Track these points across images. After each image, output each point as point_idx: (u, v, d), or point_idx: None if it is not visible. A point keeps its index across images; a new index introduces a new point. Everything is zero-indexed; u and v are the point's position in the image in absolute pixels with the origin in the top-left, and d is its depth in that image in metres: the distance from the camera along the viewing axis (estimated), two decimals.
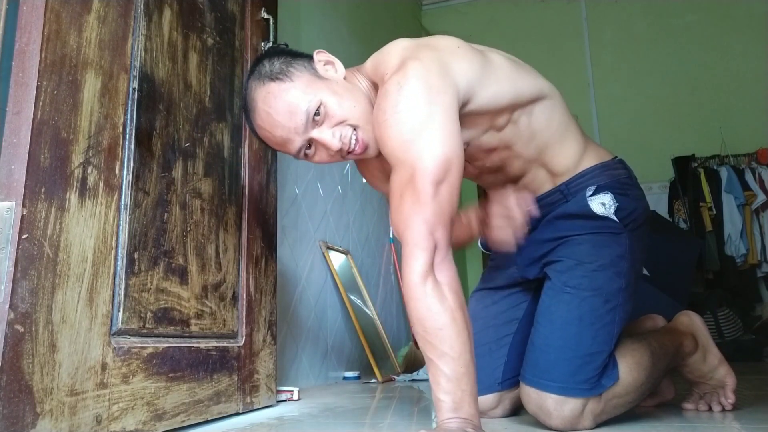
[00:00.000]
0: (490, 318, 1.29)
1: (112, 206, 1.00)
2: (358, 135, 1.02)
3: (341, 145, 1.01)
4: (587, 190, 1.14)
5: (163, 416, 1.07)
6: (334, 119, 1.01)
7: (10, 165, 0.84)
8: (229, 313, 1.33)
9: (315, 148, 1.04)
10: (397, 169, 0.91)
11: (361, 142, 1.02)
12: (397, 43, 1.04)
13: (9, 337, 0.78)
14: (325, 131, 1.01)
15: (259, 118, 1.02)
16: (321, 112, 1.00)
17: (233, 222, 1.38)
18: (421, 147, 0.89)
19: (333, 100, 1.01)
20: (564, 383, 1.05)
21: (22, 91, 0.86)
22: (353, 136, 1.02)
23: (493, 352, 1.24)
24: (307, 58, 1.06)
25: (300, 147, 1.03)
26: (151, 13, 1.14)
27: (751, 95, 3.99)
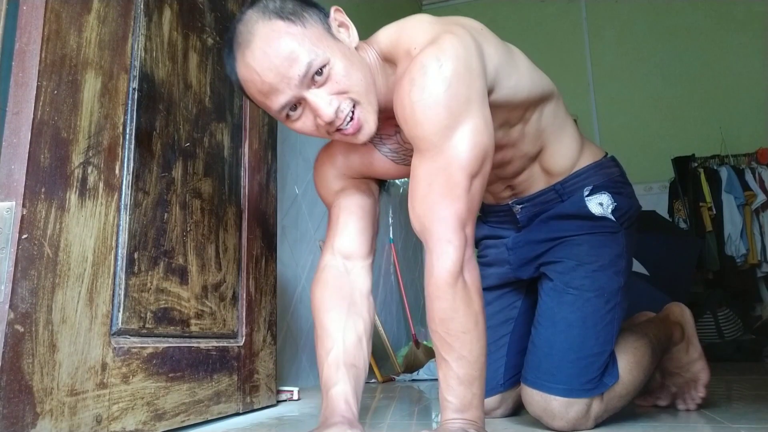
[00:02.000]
0: (487, 319, 1.28)
1: (112, 206, 1.00)
2: (356, 113, 0.88)
3: (334, 118, 0.87)
4: (584, 190, 1.13)
5: (163, 416, 1.07)
6: (336, 86, 0.87)
7: (10, 165, 0.84)
8: (229, 313, 1.33)
9: (302, 111, 0.90)
10: (427, 154, 0.85)
11: (357, 121, 0.88)
12: (420, 17, 0.94)
13: (9, 337, 0.78)
14: (322, 95, 0.87)
15: (251, 56, 0.85)
16: (324, 73, 0.86)
17: (233, 222, 1.38)
18: (462, 135, 0.83)
19: (342, 64, 0.87)
20: (569, 385, 1.03)
21: (22, 91, 0.86)
22: (351, 112, 0.88)
23: (492, 353, 1.23)
24: (321, 11, 0.92)
25: (285, 103, 0.87)
26: (151, 13, 1.14)
27: (751, 95, 3.98)
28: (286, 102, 0.87)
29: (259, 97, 0.89)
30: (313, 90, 0.87)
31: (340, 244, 1.05)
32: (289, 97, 0.87)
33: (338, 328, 0.99)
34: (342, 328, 0.99)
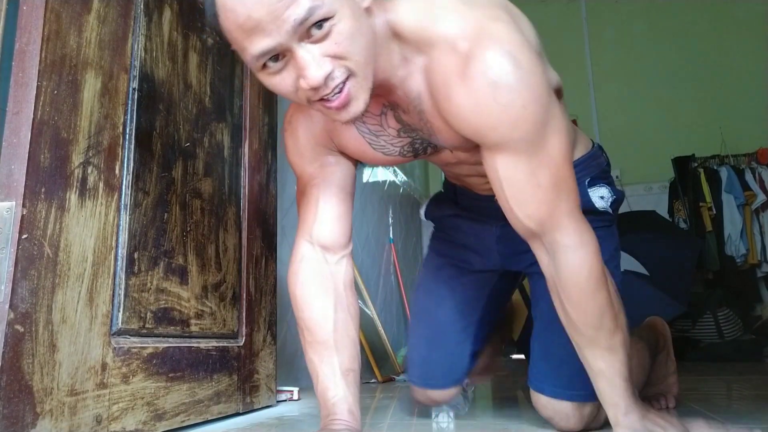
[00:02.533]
0: (459, 302, 1.22)
1: (112, 206, 1.00)
2: (347, 85, 0.73)
3: (321, 84, 0.71)
4: (585, 184, 1.07)
5: (163, 416, 1.07)
6: (334, 48, 0.71)
7: (10, 165, 0.84)
8: (229, 313, 1.33)
9: (283, 66, 0.73)
10: (524, 154, 0.78)
11: (345, 95, 0.73)
12: (454, 2, 0.81)
13: (9, 337, 0.78)
14: (314, 53, 0.70)
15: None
16: (325, 28, 0.69)
17: (233, 222, 1.38)
18: (553, 125, 0.78)
19: (348, 24, 0.71)
20: (587, 390, 0.95)
21: (22, 91, 0.86)
22: (342, 83, 0.73)
23: (462, 342, 1.21)
24: None
25: (268, 50, 0.70)
26: (151, 13, 1.14)
27: (751, 95, 3.98)
28: (270, 48, 0.70)
29: (238, 34, 0.71)
30: (305, 44, 0.70)
31: (319, 233, 0.96)
32: (275, 44, 0.69)
33: (328, 330, 0.94)
34: (332, 329, 0.94)
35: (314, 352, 0.94)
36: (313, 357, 0.94)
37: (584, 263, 0.82)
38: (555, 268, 0.84)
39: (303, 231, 0.97)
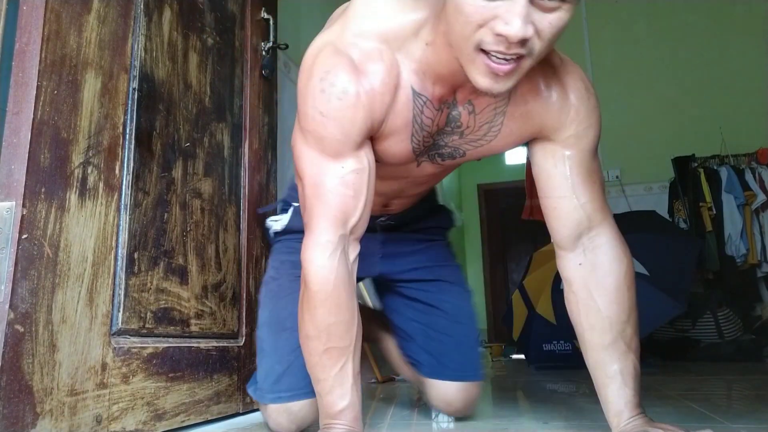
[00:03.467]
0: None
1: (112, 206, 1.00)
2: (522, 61, 0.71)
3: (516, 41, 0.67)
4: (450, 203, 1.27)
5: (163, 416, 1.07)
6: (545, 27, 0.69)
7: (10, 165, 0.84)
8: (229, 313, 1.33)
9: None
10: (591, 151, 0.93)
11: (515, 67, 0.71)
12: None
13: (9, 337, 0.78)
14: (531, 14, 0.67)
15: None
16: (555, 5, 0.68)
17: (233, 222, 1.38)
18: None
19: (566, 19, 0.70)
20: (479, 369, 1.21)
21: (22, 91, 0.86)
22: (522, 56, 0.71)
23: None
24: None
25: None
26: (151, 13, 1.14)
27: (751, 95, 3.98)
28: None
29: None
30: (532, 5, 0.67)
31: (355, 227, 0.87)
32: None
33: (352, 336, 0.88)
34: (355, 335, 0.88)
35: (330, 358, 0.86)
36: (327, 362, 0.86)
37: (624, 256, 0.91)
38: (592, 265, 0.91)
39: (337, 219, 0.84)
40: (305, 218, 0.87)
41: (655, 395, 1.58)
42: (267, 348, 1.11)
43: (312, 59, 0.84)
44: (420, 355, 1.22)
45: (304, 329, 0.87)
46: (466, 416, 1.23)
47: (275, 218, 1.23)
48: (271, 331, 1.11)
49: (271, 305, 1.14)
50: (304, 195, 0.87)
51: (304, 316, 0.87)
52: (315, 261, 0.84)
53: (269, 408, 1.08)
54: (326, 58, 0.82)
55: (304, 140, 0.85)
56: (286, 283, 1.14)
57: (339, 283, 0.85)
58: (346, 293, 0.86)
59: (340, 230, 0.85)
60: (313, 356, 0.87)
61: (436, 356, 1.19)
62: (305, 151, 0.85)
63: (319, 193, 0.84)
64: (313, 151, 0.83)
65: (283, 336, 1.09)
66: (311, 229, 0.85)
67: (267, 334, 1.12)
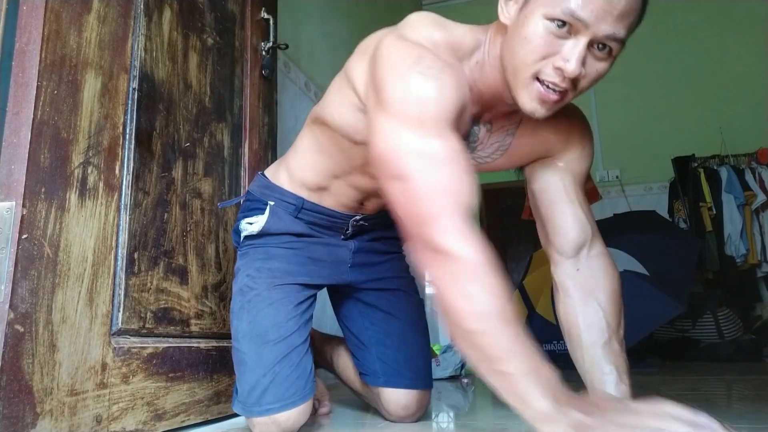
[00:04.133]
0: (301, 316, 1.12)
1: (112, 206, 1.00)
2: (566, 95, 0.81)
3: (570, 77, 0.78)
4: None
5: (163, 416, 1.07)
6: (591, 71, 0.80)
7: (10, 165, 0.84)
8: (229, 313, 1.33)
9: (559, 36, 0.78)
10: (585, 178, 1.02)
11: (559, 100, 0.81)
12: None
13: (9, 337, 0.78)
14: (585, 58, 0.78)
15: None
16: (603, 56, 0.80)
17: (233, 222, 1.38)
18: None
19: (605, 70, 0.82)
20: (431, 377, 1.23)
21: (22, 91, 0.86)
22: (566, 91, 0.81)
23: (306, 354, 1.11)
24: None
25: (577, 22, 0.76)
26: (151, 13, 1.14)
27: (751, 95, 3.99)
28: (579, 28, 0.76)
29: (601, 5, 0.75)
30: (591, 47, 0.78)
31: (471, 206, 0.83)
32: (591, 35, 0.76)
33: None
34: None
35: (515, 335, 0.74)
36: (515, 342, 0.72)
37: (615, 267, 1.00)
38: (591, 270, 0.98)
39: (458, 201, 0.77)
40: (416, 213, 0.77)
41: (655, 395, 1.58)
42: (250, 361, 1.06)
43: (393, 49, 0.83)
44: (374, 364, 1.21)
45: (465, 323, 0.73)
46: (420, 419, 1.23)
47: (250, 220, 1.15)
48: (253, 343, 1.06)
49: (249, 317, 1.09)
50: (410, 189, 0.78)
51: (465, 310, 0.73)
52: (459, 239, 0.75)
53: (256, 421, 1.05)
54: (411, 48, 0.82)
55: (401, 132, 0.79)
56: (265, 293, 1.10)
57: (486, 250, 0.76)
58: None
59: (464, 211, 0.77)
60: (497, 346, 0.72)
61: (391, 364, 1.20)
62: (405, 142, 0.79)
63: (433, 180, 0.77)
64: (416, 137, 0.78)
65: (267, 348, 1.06)
66: (436, 218, 0.76)
67: (248, 346, 1.07)
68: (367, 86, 0.88)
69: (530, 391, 0.69)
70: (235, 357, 1.09)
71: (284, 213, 1.15)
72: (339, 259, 1.19)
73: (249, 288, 1.11)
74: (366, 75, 0.89)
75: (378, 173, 0.83)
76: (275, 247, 1.14)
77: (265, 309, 1.09)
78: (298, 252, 1.15)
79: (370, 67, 0.86)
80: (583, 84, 0.81)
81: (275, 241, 1.14)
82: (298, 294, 1.12)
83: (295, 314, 1.10)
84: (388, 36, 0.86)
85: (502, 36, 0.86)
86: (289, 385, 1.03)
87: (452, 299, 0.74)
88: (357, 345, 1.25)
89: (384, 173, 0.81)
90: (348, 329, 1.27)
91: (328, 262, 1.18)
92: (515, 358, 0.70)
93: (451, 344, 2.32)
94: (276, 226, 1.14)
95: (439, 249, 0.74)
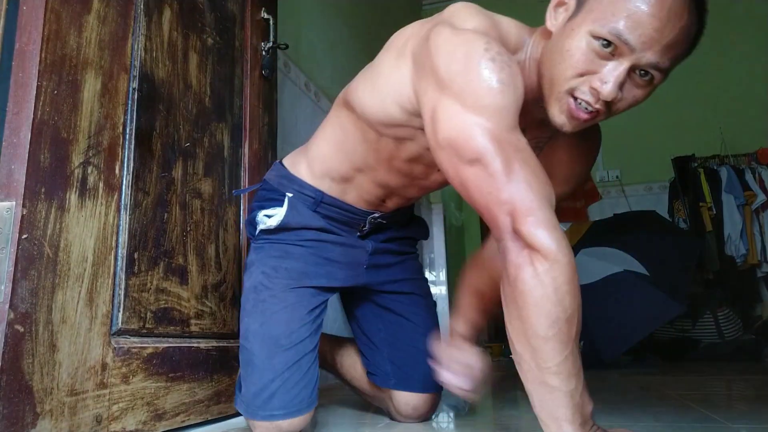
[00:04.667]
0: (313, 321, 1.11)
1: (112, 206, 1.00)
2: (598, 114, 0.80)
3: (606, 99, 0.77)
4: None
5: (163, 416, 1.07)
6: (629, 96, 0.80)
7: (10, 165, 0.84)
8: (229, 313, 1.33)
9: (603, 56, 0.77)
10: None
11: (591, 118, 0.80)
12: None
13: (9, 337, 0.78)
14: (625, 82, 0.78)
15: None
16: (645, 83, 0.79)
17: (233, 222, 1.38)
18: None
19: (644, 97, 0.82)
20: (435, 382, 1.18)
21: (22, 91, 0.86)
22: (597, 111, 0.80)
23: (315, 361, 1.10)
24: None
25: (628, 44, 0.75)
26: (151, 13, 1.14)
27: (751, 95, 3.99)
28: (624, 51, 0.75)
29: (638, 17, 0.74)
30: (633, 72, 0.77)
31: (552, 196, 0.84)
32: (634, 61, 0.75)
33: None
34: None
35: (572, 351, 0.75)
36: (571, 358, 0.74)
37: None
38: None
39: (541, 190, 0.74)
40: (503, 200, 0.73)
41: (655, 395, 1.58)
42: (259, 363, 1.04)
43: (456, 38, 0.80)
44: (385, 366, 1.21)
45: (543, 325, 0.70)
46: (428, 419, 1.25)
47: (269, 212, 1.11)
48: (265, 345, 1.04)
49: (262, 318, 1.06)
50: (494, 173, 0.73)
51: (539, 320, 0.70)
52: (555, 236, 0.70)
53: (257, 423, 1.04)
54: (475, 36, 0.79)
55: (474, 117, 0.76)
56: (281, 294, 1.07)
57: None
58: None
59: (551, 205, 0.74)
60: (556, 356, 0.71)
61: (402, 367, 1.20)
62: (480, 126, 0.75)
63: (517, 167, 0.73)
64: (491, 123, 0.75)
65: (278, 353, 1.04)
66: (528, 209, 0.71)
67: (259, 348, 1.05)
68: (416, 77, 0.85)
69: (565, 411, 0.70)
70: (243, 355, 1.08)
71: (303, 206, 1.12)
72: (355, 261, 1.18)
73: (264, 287, 1.08)
74: (410, 67, 0.87)
75: (446, 160, 0.79)
76: (292, 245, 1.11)
77: (279, 312, 1.06)
78: (314, 251, 1.12)
79: (421, 57, 0.83)
80: (618, 108, 0.80)
81: (292, 238, 1.12)
82: (312, 299, 1.10)
83: (308, 320, 1.08)
84: (439, 26, 0.83)
85: (545, 41, 0.84)
86: (297, 393, 1.02)
87: (538, 297, 0.69)
88: (368, 345, 1.25)
89: (457, 158, 0.77)
90: (360, 329, 1.27)
91: (344, 263, 1.16)
92: (566, 375, 0.70)
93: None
94: (295, 220, 1.11)
95: (533, 244, 0.70)
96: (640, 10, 0.73)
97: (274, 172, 1.18)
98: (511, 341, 0.75)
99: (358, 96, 1.00)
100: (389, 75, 0.92)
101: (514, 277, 0.71)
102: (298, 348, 1.05)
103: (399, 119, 0.93)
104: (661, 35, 0.74)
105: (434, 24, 0.85)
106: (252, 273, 1.11)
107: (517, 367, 0.75)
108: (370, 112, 0.97)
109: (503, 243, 0.73)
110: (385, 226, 1.21)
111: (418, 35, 0.88)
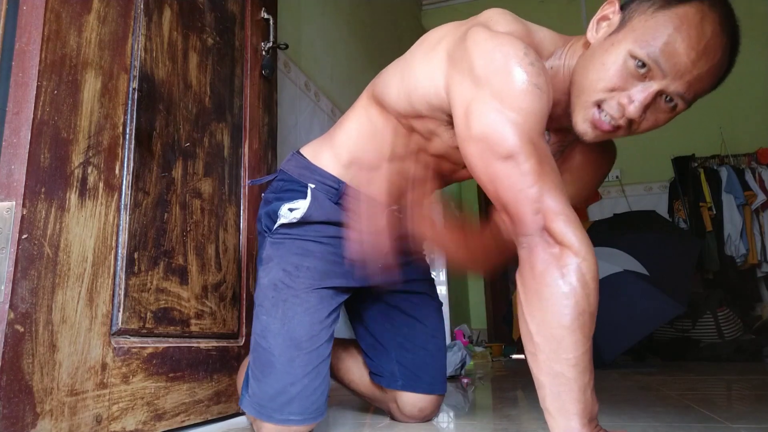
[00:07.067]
0: (330, 326, 1.08)
1: (112, 206, 1.00)
2: (619, 129, 0.84)
3: (630, 118, 0.82)
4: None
5: (163, 416, 1.07)
6: (651, 118, 0.84)
7: (10, 165, 0.84)
8: (229, 313, 1.33)
9: (636, 75, 0.81)
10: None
11: (613, 132, 0.84)
12: None
13: (9, 337, 0.78)
14: (650, 104, 0.82)
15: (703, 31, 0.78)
16: (667, 109, 0.83)
17: (233, 222, 1.38)
18: None
19: (666, 120, 0.86)
20: (446, 382, 1.24)
21: (22, 91, 0.86)
22: (618, 126, 0.84)
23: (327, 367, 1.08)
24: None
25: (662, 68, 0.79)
26: (151, 13, 1.14)
27: (751, 95, 3.99)
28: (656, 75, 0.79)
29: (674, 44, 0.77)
30: (659, 97, 0.82)
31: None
32: (664, 86, 0.79)
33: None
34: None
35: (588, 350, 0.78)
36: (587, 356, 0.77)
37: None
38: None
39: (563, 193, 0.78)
40: (533, 198, 0.75)
41: (655, 395, 1.58)
42: (279, 365, 1.00)
43: (496, 41, 0.82)
44: (392, 367, 1.20)
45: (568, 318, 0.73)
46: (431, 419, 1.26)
47: (292, 205, 1.07)
48: (286, 347, 1.01)
49: (284, 318, 1.03)
50: (527, 171, 0.76)
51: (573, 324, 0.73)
52: (582, 235, 0.75)
53: (267, 425, 1.00)
54: (514, 40, 0.82)
55: (510, 116, 0.78)
56: (303, 295, 1.04)
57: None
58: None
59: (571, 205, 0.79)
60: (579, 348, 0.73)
61: (410, 368, 1.20)
62: (515, 125, 0.78)
63: (549, 169, 0.77)
64: (526, 125, 0.78)
65: (299, 356, 1.01)
66: (558, 209, 0.75)
67: (280, 349, 1.01)
68: (449, 73, 0.88)
69: (576, 405, 0.73)
70: (261, 355, 1.03)
71: (324, 198, 1.09)
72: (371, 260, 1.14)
73: (285, 285, 1.05)
74: (444, 63, 0.90)
75: (476, 154, 0.81)
76: (312, 241, 1.08)
77: (301, 314, 1.03)
78: (332, 249, 1.09)
79: (457, 54, 0.87)
80: (639, 128, 0.84)
81: (312, 233, 1.08)
82: (331, 301, 1.07)
83: (327, 323, 1.06)
84: (477, 27, 0.86)
85: (582, 51, 0.88)
86: (315, 399, 1.00)
87: (567, 290, 0.73)
88: (373, 346, 1.23)
89: (489, 153, 0.79)
90: (366, 330, 1.24)
91: (350, 262, 1.12)
92: (580, 368, 0.73)
93: (452, 343, 2.32)
94: (317, 213, 1.07)
95: (564, 241, 0.74)
96: (679, 39, 0.77)
97: (293, 162, 1.14)
98: (530, 333, 0.76)
99: (386, 85, 1.03)
100: (419, 68, 0.96)
101: (541, 270, 0.75)
102: (319, 351, 1.03)
103: (422, 111, 0.97)
104: (693, 67, 0.78)
105: (471, 25, 0.89)
106: (271, 269, 1.07)
107: (531, 360, 0.77)
108: (395, 101, 1.00)
109: (529, 238, 0.76)
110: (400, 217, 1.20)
111: (454, 35, 0.91)
